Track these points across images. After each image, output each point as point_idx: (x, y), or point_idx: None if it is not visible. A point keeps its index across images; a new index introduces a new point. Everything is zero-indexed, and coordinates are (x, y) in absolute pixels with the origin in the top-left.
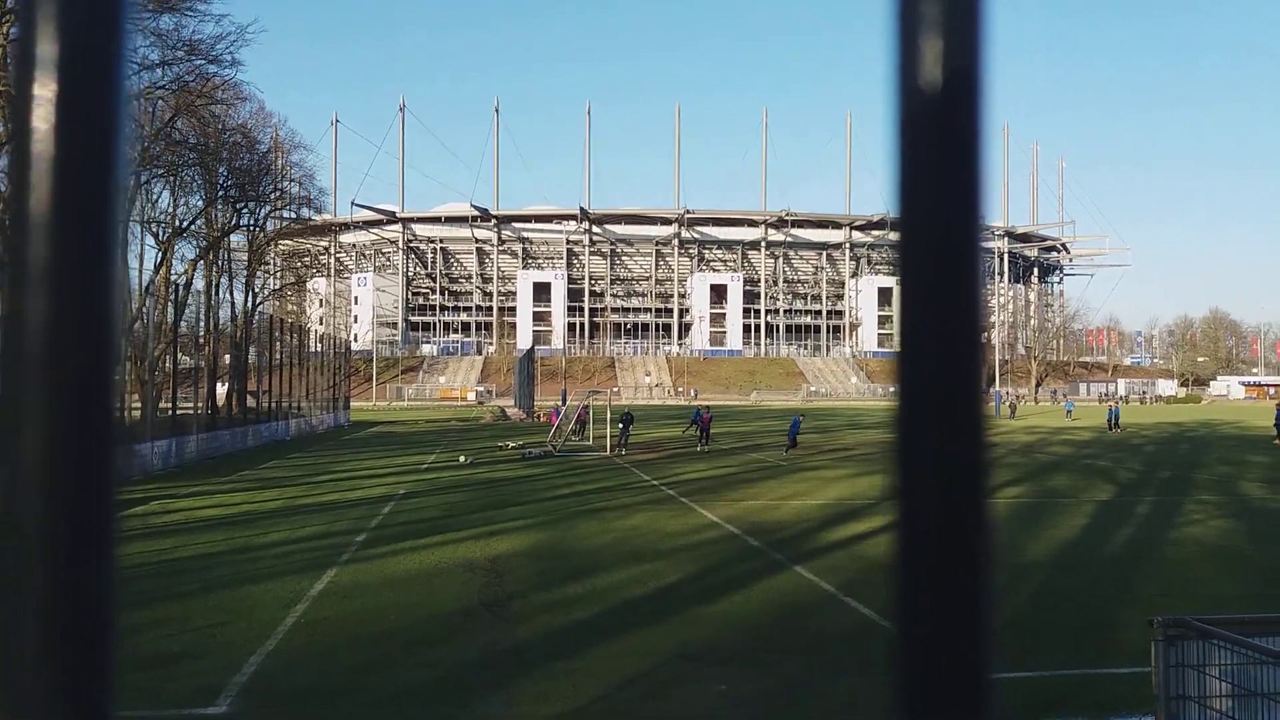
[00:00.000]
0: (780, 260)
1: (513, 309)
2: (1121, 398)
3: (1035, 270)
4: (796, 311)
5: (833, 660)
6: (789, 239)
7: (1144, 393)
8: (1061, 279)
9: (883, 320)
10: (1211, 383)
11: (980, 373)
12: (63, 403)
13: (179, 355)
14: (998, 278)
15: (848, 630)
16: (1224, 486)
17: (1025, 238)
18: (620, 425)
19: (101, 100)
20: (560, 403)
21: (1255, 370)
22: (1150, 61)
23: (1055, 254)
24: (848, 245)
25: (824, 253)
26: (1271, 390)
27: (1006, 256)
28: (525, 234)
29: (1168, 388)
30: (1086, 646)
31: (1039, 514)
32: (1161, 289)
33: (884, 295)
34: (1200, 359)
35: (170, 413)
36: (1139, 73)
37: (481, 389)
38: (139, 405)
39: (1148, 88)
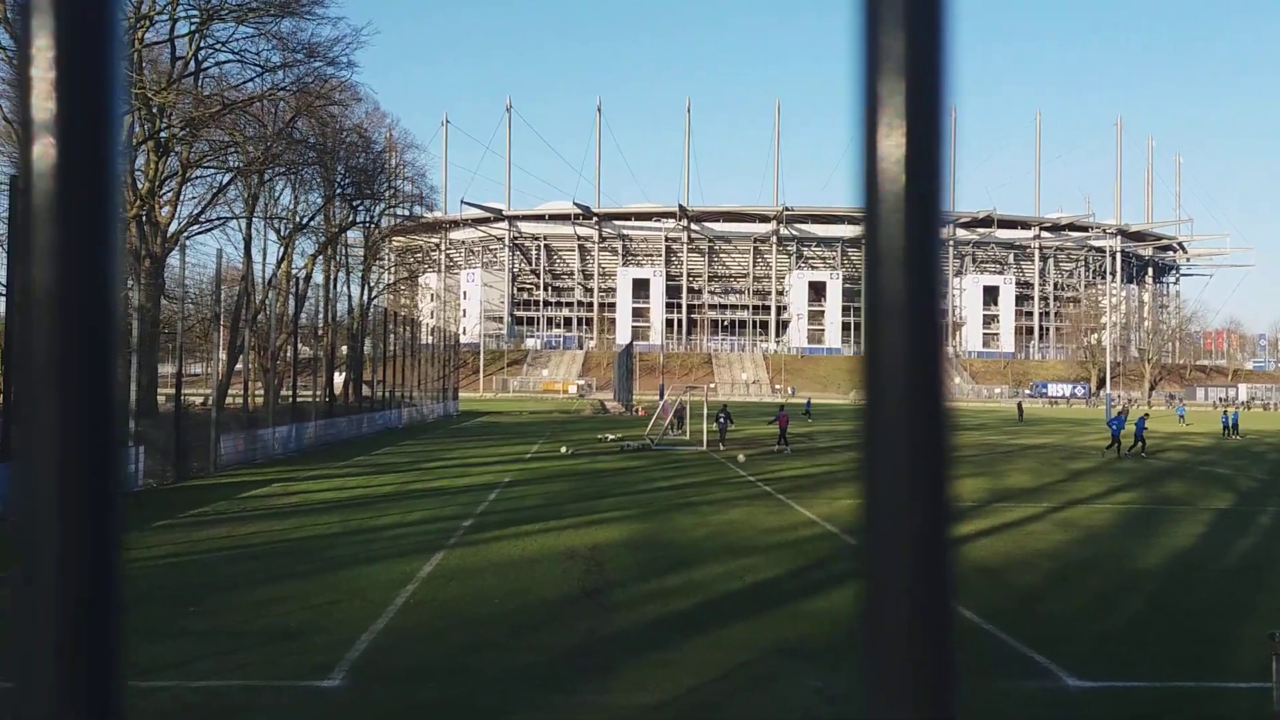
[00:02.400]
0: None
1: (613, 304)
2: (1243, 403)
3: (1150, 270)
4: None
5: None
6: None
7: (1268, 399)
8: (1178, 279)
9: (988, 320)
10: None
11: (942, 366)
12: (68, 395)
13: (299, 345)
14: (1109, 277)
15: None
16: None
17: (1139, 236)
18: (719, 421)
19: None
20: (659, 397)
21: None
22: (1275, 51)
23: (1171, 253)
24: (951, 242)
25: None
26: None
27: (1119, 256)
28: (625, 231)
29: None
30: (1201, 659)
31: (1152, 521)
32: None
33: (989, 293)
34: None
35: (291, 400)
36: (1263, 63)
37: (582, 382)
38: (262, 393)
39: (1273, 78)
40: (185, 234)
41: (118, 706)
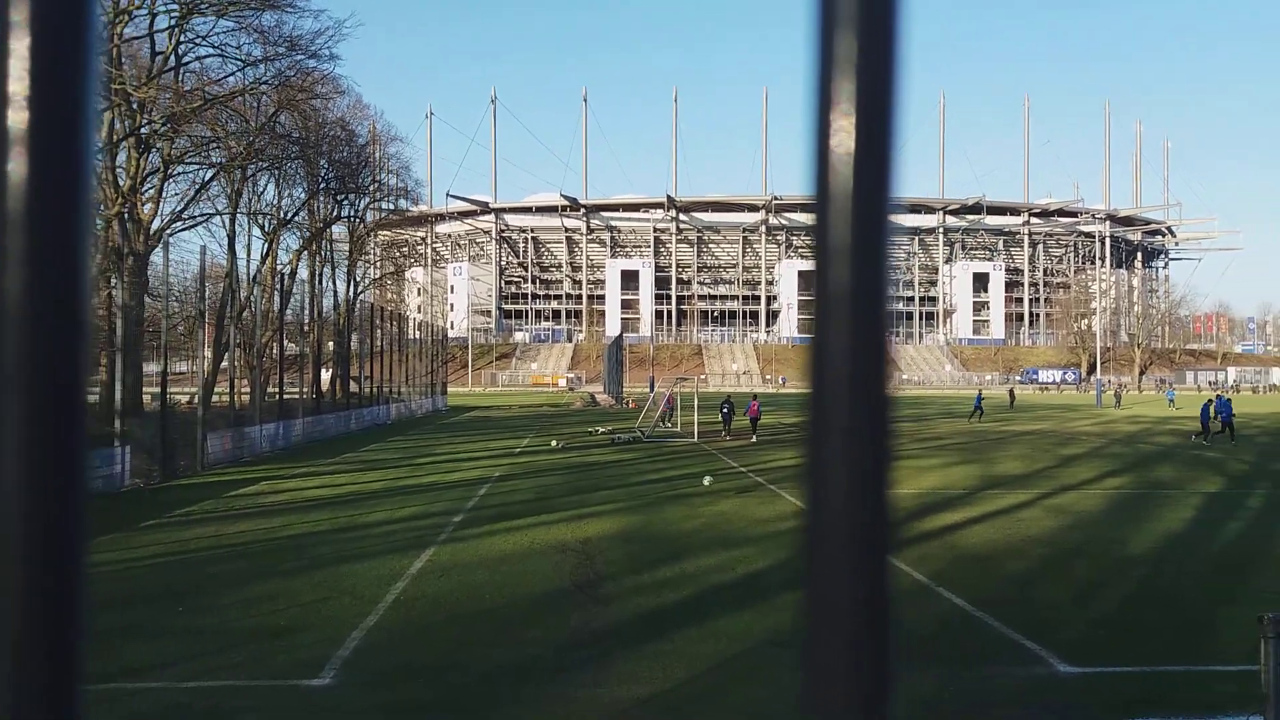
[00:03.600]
0: None
1: (601, 297)
2: (1233, 386)
3: (1139, 254)
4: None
5: (923, 650)
6: None
7: (1257, 381)
8: (1167, 263)
9: (978, 307)
10: None
11: (886, 366)
12: (35, 397)
13: (285, 342)
14: (1098, 263)
15: (940, 620)
16: None
17: (1128, 221)
18: (723, 412)
19: (73, 76)
20: (649, 389)
21: None
22: (1261, 33)
23: (1160, 237)
24: (941, 230)
25: (916, 237)
26: None
27: (1108, 241)
28: (613, 223)
29: None
30: (1190, 643)
31: (1142, 506)
32: (1276, 273)
33: (979, 281)
34: None
35: (277, 397)
36: (1249, 45)
37: (572, 375)
38: (248, 390)
39: (1260, 60)
40: (168, 231)
41: (76, 711)
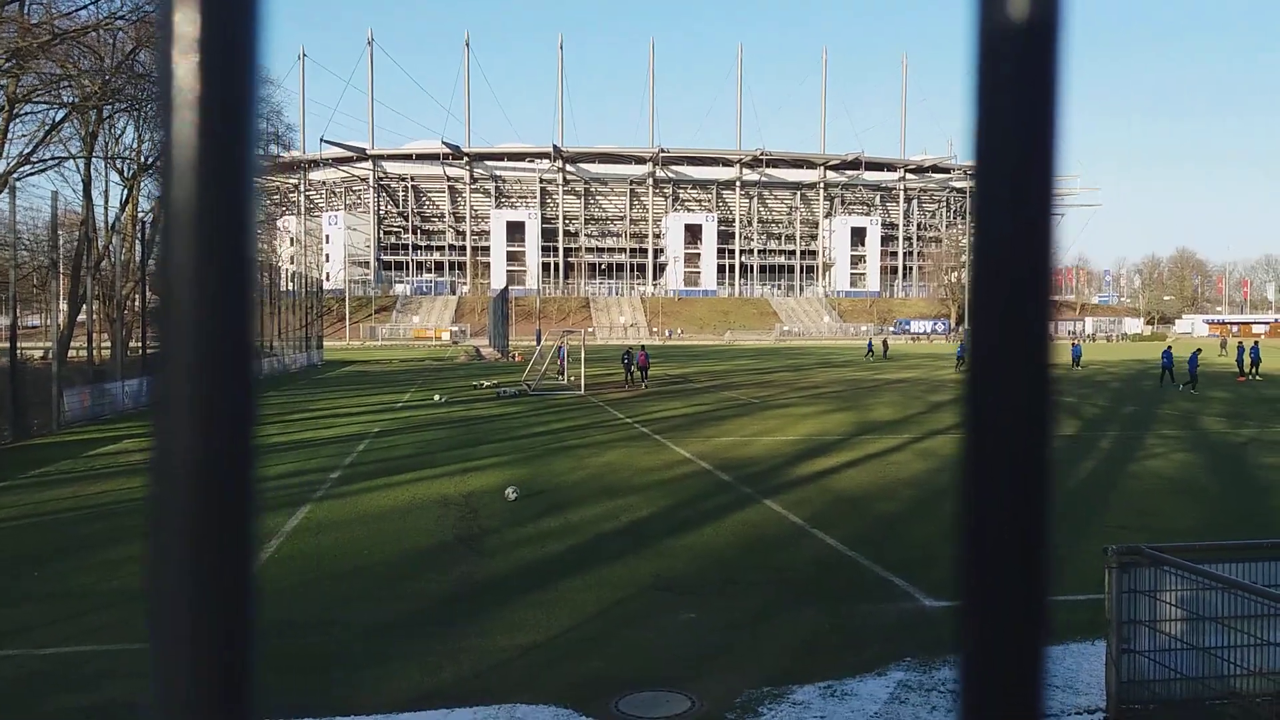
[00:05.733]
0: (755, 200)
1: (486, 248)
2: (1089, 335)
3: None
4: (770, 252)
5: (800, 590)
6: (764, 179)
7: (1111, 331)
8: None
9: (855, 260)
10: (1177, 321)
11: (1048, 327)
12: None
13: (148, 293)
14: (969, 217)
15: (815, 561)
16: (1186, 421)
17: None
18: (625, 364)
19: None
20: (535, 342)
21: (1220, 309)
22: (1120, 3)
23: None
24: (822, 185)
25: (798, 192)
26: (1235, 328)
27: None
28: (498, 172)
29: (1134, 326)
30: None
31: None
32: (1130, 229)
33: (857, 235)
34: (1166, 298)
35: (140, 352)
36: (1108, 15)
37: (456, 328)
38: (109, 344)
39: (1118, 31)
40: (15, 175)
41: None
